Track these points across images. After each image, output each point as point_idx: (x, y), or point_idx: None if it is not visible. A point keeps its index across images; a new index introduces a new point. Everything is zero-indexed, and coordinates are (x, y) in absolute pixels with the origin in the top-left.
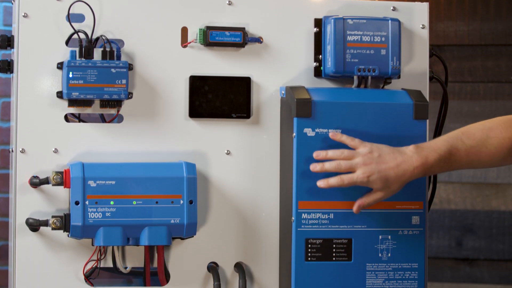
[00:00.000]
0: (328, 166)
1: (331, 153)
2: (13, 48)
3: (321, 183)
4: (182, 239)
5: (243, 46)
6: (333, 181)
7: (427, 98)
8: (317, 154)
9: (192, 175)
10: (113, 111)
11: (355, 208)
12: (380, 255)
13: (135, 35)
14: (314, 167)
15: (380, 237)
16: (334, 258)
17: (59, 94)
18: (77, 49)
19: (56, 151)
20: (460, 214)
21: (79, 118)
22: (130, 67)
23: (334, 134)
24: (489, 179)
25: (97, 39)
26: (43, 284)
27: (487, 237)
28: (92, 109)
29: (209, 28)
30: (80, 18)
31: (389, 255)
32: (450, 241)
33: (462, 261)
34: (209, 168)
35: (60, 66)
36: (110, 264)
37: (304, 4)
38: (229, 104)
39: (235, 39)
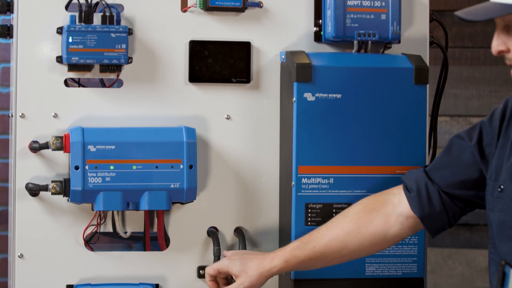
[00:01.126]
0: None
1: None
2: (12, 13)
3: None
4: (182, 203)
5: (243, 11)
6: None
7: (427, 63)
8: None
9: (192, 140)
10: (112, 76)
11: None
12: None
13: (134, 0)
14: None
15: None
16: None
17: (59, 59)
18: (76, 14)
19: (55, 116)
20: None
21: (79, 83)
22: (129, 31)
23: None
24: None
25: (97, 3)
26: (43, 249)
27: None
28: (92, 74)
29: None
30: None
31: None
32: None
33: (462, 227)
34: (209, 133)
35: (59, 31)
36: (110, 229)
37: None
38: (229, 69)
39: (235, 3)
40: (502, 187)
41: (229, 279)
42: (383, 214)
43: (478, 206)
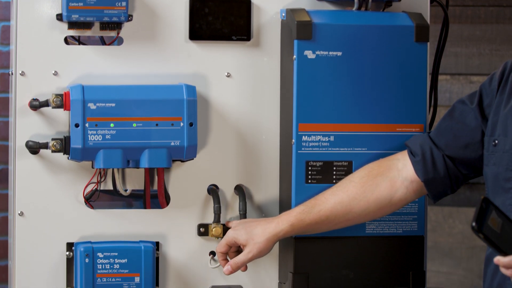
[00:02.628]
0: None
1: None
2: None
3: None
4: (182, 161)
5: None
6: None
7: (428, 21)
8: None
9: (192, 98)
10: (113, 34)
11: (226, 269)
12: None
13: None
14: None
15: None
16: (334, 181)
17: (59, 17)
18: None
19: (56, 73)
20: None
21: (79, 41)
22: None
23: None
24: None
25: None
26: (43, 206)
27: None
28: (92, 32)
29: None
30: None
31: None
32: None
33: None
34: (209, 91)
35: None
36: (110, 187)
37: None
38: (229, 27)
39: None
40: (496, 141)
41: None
42: (389, 179)
43: (481, 172)
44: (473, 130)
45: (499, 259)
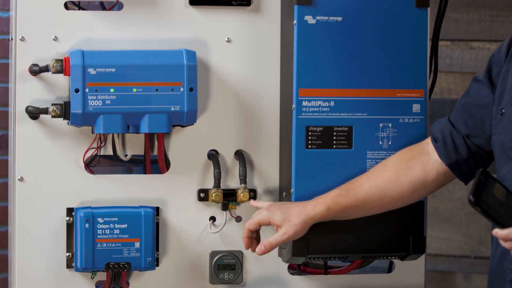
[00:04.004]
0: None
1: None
2: None
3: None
4: (182, 126)
5: None
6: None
7: None
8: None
9: (192, 63)
10: None
11: (259, 249)
12: (380, 143)
13: None
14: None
15: (380, 125)
16: (334, 146)
17: None
18: None
19: (56, 39)
20: None
21: (79, 6)
22: None
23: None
24: None
25: None
26: (43, 172)
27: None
28: None
29: None
30: None
31: (390, 143)
32: None
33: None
34: (209, 56)
35: None
36: (110, 152)
37: None
38: None
39: None
40: (503, 110)
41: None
42: (421, 162)
43: None
44: (488, 105)
45: (497, 232)
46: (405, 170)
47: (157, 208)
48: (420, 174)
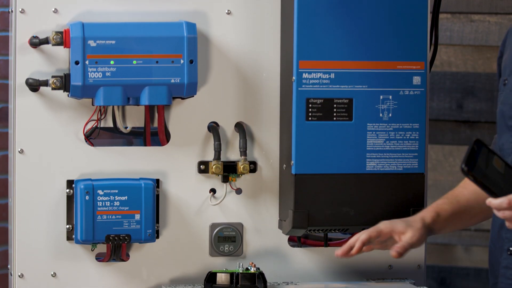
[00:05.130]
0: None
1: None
2: None
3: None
4: (183, 98)
5: None
6: (363, 236)
7: None
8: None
9: (192, 35)
10: None
11: (395, 253)
12: (381, 115)
13: None
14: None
15: (381, 97)
16: (335, 118)
17: None
18: None
19: (56, 11)
20: (461, 77)
21: None
22: None
23: None
24: (490, 42)
25: None
26: (43, 144)
27: (488, 99)
28: None
29: None
30: None
31: (390, 115)
32: (451, 103)
33: (463, 124)
34: (209, 28)
35: None
36: (110, 124)
37: None
38: None
39: None
40: (506, 81)
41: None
42: None
43: None
44: None
45: (490, 201)
46: None
47: (157, 180)
48: None
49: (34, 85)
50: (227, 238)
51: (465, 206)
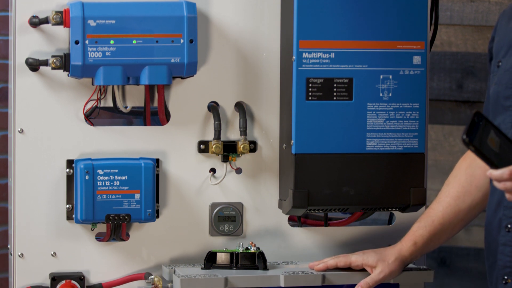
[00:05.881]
0: (330, 262)
1: (331, 262)
2: None
3: (320, 266)
4: (183, 78)
5: None
6: (331, 262)
7: None
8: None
9: (192, 14)
10: None
11: None
12: (381, 94)
13: None
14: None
15: (381, 76)
16: (335, 98)
17: None
18: None
19: None
20: (461, 57)
21: None
22: None
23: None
24: (491, 22)
25: None
26: (43, 124)
27: (488, 79)
28: None
29: None
30: None
31: (390, 94)
32: (451, 83)
33: (463, 104)
34: (209, 7)
35: None
36: (110, 104)
37: None
38: None
39: None
40: (500, 63)
41: None
42: (478, 165)
43: None
44: None
45: (491, 173)
46: (467, 179)
47: (157, 160)
48: (484, 176)
49: (34, 65)
50: (227, 218)
51: (442, 224)
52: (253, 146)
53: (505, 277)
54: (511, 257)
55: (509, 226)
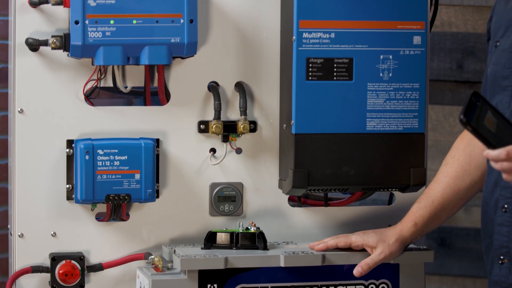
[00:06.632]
0: (331, 242)
1: (331, 242)
2: None
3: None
4: (183, 58)
5: None
6: (331, 242)
7: None
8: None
9: None
10: None
11: (356, 271)
12: (381, 74)
13: None
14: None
15: (381, 56)
16: (335, 78)
17: None
18: None
19: None
20: (461, 37)
21: None
22: None
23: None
24: (491, 2)
25: None
26: (43, 104)
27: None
28: None
29: None
30: None
31: (390, 75)
32: (451, 64)
33: (463, 84)
34: None
35: None
36: (110, 84)
37: None
38: None
39: None
40: (498, 43)
41: None
42: (477, 144)
43: None
44: None
45: (488, 153)
46: (466, 158)
47: (157, 140)
48: (482, 155)
49: (34, 45)
50: (227, 198)
51: (441, 204)
52: (253, 126)
53: (501, 257)
54: (507, 237)
55: (505, 206)
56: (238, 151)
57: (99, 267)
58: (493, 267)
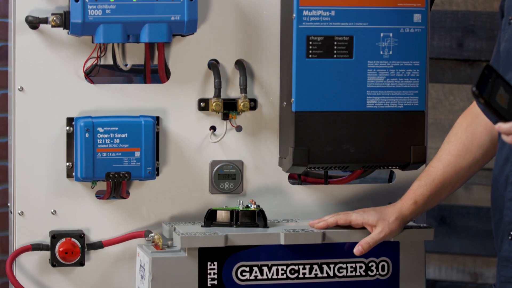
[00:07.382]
0: (331, 220)
1: (331, 220)
2: None
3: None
4: (183, 36)
5: None
6: (331, 220)
7: None
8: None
9: None
10: None
11: (356, 250)
12: (381, 52)
13: None
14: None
15: (381, 34)
16: (335, 55)
17: None
18: None
19: None
20: (461, 15)
21: None
22: None
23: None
24: None
25: None
26: (43, 82)
27: (488, 38)
28: None
29: None
30: None
31: (391, 52)
32: (451, 42)
33: (463, 62)
34: None
35: None
36: (110, 62)
37: None
38: None
39: None
40: (511, 20)
41: None
42: (480, 123)
43: None
44: None
45: (500, 126)
46: (468, 137)
47: (157, 118)
48: (485, 134)
49: (33, 23)
50: (227, 176)
51: (442, 182)
52: (253, 104)
53: (511, 233)
54: None
55: None
56: (238, 129)
57: (99, 245)
58: (503, 243)
